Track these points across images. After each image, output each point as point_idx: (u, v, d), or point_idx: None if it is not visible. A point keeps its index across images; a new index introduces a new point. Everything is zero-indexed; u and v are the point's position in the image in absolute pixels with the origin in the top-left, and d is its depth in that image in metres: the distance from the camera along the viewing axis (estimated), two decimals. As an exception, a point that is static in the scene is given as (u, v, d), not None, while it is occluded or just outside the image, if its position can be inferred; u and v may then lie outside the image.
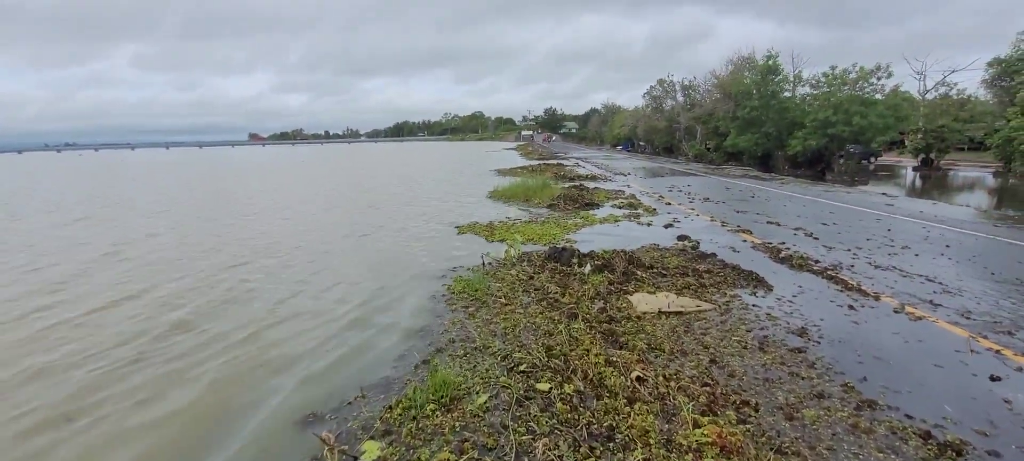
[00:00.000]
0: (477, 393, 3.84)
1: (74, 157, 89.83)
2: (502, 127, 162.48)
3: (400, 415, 3.56)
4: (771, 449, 3.10)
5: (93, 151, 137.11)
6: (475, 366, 4.29)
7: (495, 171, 28.59)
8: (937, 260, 7.58)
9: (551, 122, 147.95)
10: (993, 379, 3.93)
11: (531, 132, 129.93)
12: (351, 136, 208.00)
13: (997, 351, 4.42)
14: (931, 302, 5.71)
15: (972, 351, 4.43)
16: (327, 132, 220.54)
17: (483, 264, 7.56)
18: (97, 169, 44.62)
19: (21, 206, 17.57)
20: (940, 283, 6.41)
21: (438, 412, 3.55)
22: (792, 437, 3.26)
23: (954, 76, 32.77)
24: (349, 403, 3.84)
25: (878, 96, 30.86)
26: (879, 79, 30.85)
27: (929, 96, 36.51)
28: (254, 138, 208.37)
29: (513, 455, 3.09)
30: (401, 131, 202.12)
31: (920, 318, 5.23)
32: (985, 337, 4.72)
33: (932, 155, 34.97)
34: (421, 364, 4.40)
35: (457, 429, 3.39)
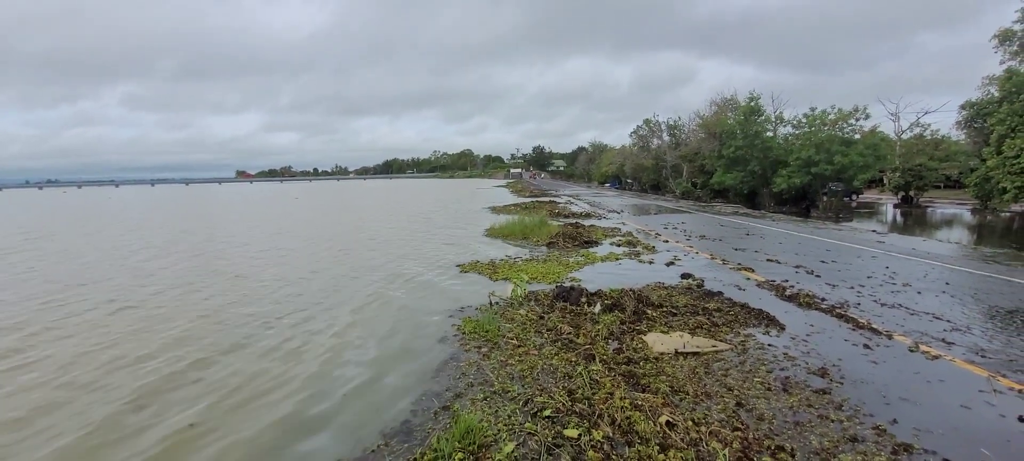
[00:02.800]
0: (503, 441, 3.70)
1: (58, 194, 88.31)
2: (491, 165, 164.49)
3: (426, 467, 3.40)
4: (816, 498, 3.01)
5: (76, 188, 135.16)
6: (497, 411, 4.15)
7: (489, 208, 28.69)
8: (940, 297, 7.68)
9: (539, 160, 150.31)
10: (1022, 420, 3.91)
11: (520, 170, 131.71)
12: (340, 173, 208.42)
13: (1020, 391, 4.41)
14: (944, 340, 5.73)
15: (995, 391, 4.42)
16: (316, 169, 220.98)
17: (491, 304, 7.45)
18: (94, 207, 43.79)
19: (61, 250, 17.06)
20: (948, 321, 6.46)
21: (467, 462, 3.40)
22: (834, 484, 3.17)
23: (927, 117, 34.33)
24: (373, 451, 3.67)
25: (857, 136, 31.99)
26: (857, 120, 32.07)
27: (905, 136, 38.03)
28: (242, 175, 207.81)
29: (552, 509, 2.94)
30: (390, 168, 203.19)
31: (936, 357, 5.23)
32: (1004, 376, 4.72)
33: (911, 192, 36.11)
34: (441, 410, 4.25)
35: (488, 481, 3.24)
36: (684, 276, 9.23)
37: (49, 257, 13.76)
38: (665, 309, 7.04)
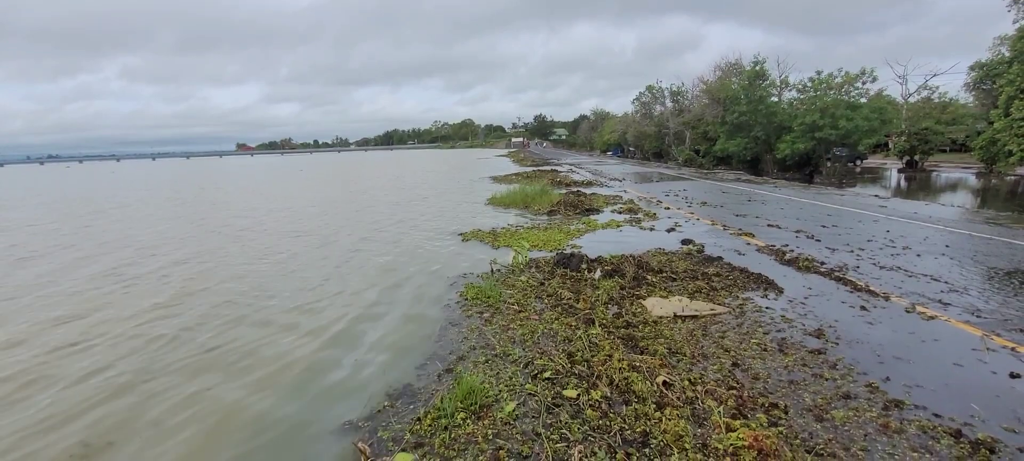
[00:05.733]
0: (505, 400, 3.80)
1: (61, 169, 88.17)
2: (492, 134, 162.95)
3: (430, 425, 3.51)
4: (807, 451, 3.11)
5: (78, 163, 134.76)
6: (499, 373, 4.26)
7: (490, 178, 28.60)
8: (939, 260, 7.71)
9: (541, 129, 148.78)
10: (1013, 376, 3.99)
11: (522, 139, 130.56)
12: (340, 145, 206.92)
13: (1012, 349, 4.49)
14: (940, 301, 5.79)
15: (988, 349, 4.49)
16: (316, 141, 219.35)
17: (492, 270, 7.53)
18: (113, 180, 43.82)
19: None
20: (946, 282, 6.51)
21: (469, 421, 3.51)
22: (825, 438, 3.26)
23: (935, 80, 33.63)
24: (379, 411, 3.79)
25: (863, 100, 31.44)
26: (863, 83, 31.45)
27: (911, 99, 37.39)
28: (242, 148, 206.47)
29: (551, 463, 3.05)
30: (391, 139, 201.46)
31: (932, 317, 5.30)
32: (998, 335, 4.79)
33: (916, 157, 35.74)
34: (444, 372, 4.36)
35: (490, 437, 3.35)
36: (684, 242, 9.27)
37: (143, 222, 13.90)
38: (665, 274, 7.10)
